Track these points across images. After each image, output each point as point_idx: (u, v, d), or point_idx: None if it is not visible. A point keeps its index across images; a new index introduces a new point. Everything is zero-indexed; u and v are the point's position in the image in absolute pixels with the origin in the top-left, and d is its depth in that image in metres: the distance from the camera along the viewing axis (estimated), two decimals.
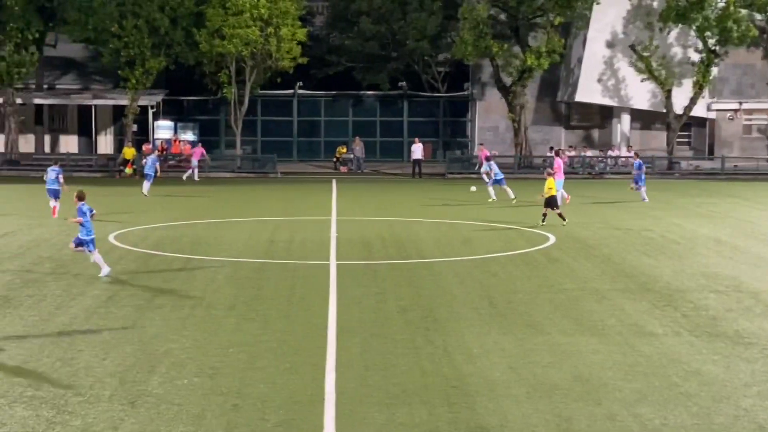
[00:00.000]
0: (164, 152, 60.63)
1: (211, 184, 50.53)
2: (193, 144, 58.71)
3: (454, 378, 14.11)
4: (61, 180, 34.77)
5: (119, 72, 58.43)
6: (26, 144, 61.26)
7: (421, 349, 15.72)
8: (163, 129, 63.58)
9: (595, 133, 68.07)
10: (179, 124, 64.74)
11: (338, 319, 17.81)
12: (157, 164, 44.75)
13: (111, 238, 28.27)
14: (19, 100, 59.01)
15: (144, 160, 46.03)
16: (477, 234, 30.29)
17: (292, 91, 65.95)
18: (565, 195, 37.81)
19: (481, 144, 59.37)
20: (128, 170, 54.92)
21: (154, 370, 14.33)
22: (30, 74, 59.25)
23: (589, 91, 64.01)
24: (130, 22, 56.19)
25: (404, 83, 66.95)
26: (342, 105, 69.37)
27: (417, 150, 57.60)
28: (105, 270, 22.00)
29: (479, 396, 13.27)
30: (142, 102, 60.07)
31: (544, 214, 31.82)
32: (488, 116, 67.07)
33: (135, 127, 61.36)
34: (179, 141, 61.22)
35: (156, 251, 25.98)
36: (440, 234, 30.40)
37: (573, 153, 62.00)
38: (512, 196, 39.72)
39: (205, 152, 56.43)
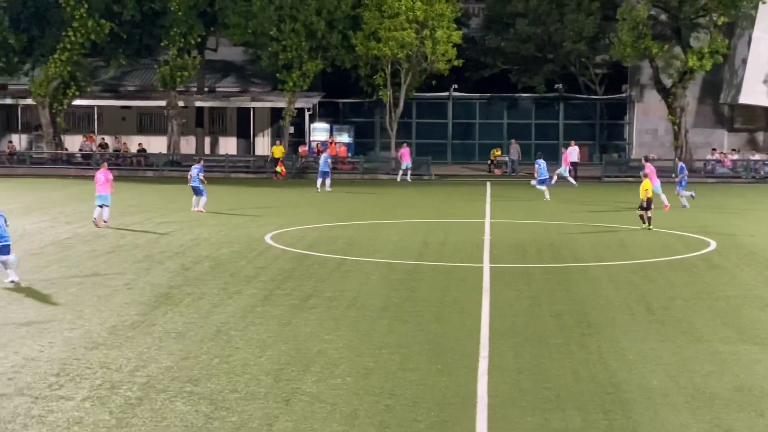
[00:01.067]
0: (320, 154, 61.42)
1: (367, 186, 50.89)
2: (399, 145, 58.26)
3: (609, 384, 13.85)
4: (201, 177, 36.09)
5: (277, 75, 59.40)
6: (187, 145, 62.91)
7: (575, 354, 15.47)
8: (319, 131, 64.36)
9: (760, 136, 65.94)
10: (335, 127, 65.43)
11: (491, 322, 17.69)
12: (329, 160, 46.81)
13: (267, 238, 28.77)
14: (181, 103, 60.62)
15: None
16: (634, 238, 29.69)
17: (446, 93, 65.91)
18: (665, 202, 36.83)
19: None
20: (279, 169, 56.03)
21: (308, 369, 14.49)
22: (192, 78, 60.79)
23: (754, 93, 61.99)
24: (288, 25, 57.08)
25: (560, 85, 66.17)
26: (497, 107, 68.96)
27: (573, 153, 56.84)
28: (12, 277, 20.92)
29: (635, 403, 12.98)
30: (299, 104, 60.96)
31: (642, 216, 31.48)
32: (647, 119, 65.68)
33: (292, 129, 62.30)
34: (335, 143, 61.88)
35: (311, 252, 26.30)
36: (596, 238, 29.93)
37: (736, 156, 60.23)
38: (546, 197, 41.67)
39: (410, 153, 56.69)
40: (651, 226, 31.03)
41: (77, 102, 60.54)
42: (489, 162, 61.97)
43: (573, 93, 67.57)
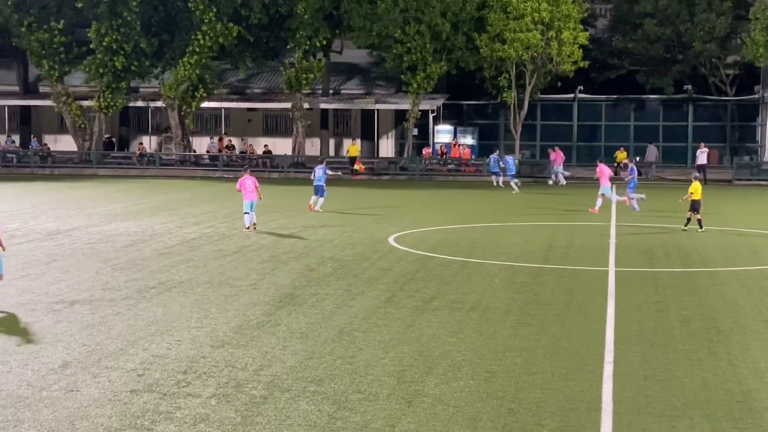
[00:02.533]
0: (443, 156, 61.42)
1: (487, 188, 50.64)
2: (552, 148, 57.89)
3: (739, 392, 13.48)
4: (329, 172, 37.42)
5: (401, 77, 59.62)
6: (312, 147, 63.55)
7: (704, 361, 15.11)
8: (442, 133, 64.31)
9: None
10: (459, 129, 65.33)
11: (616, 327, 17.40)
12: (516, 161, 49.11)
13: (390, 240, 28.85)
14: (306, 105, 61.28)
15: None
16: (766, 243, 28.89)
17: (572, 95, 65.22)
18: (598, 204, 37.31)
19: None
20: (356, 167, 56.84)
21: (430, 371, 14.45)
22: (317, 80, 61.43)
23: None
24: (413, 27, 57.20)
25: (689, 86, 64.85)
26: (623, 109, 67.95)
27: (702, 155, 55.62)
28: None
29: (767, 413, 12.60)
30: (423, 106, 61.04)
31: (688, 219, 31.31)
32: None
33: (416, 131, 62.45)
34: (458, 145, 61.78)
35: (434, 254, 26.28)
36: (726, 242, 29.22)
37: None
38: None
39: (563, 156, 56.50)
40: (687, 227, 31.20)
41: (205, 104, 61.73)
42: (614, 165, 61.07)
43: (703, 94, 66.13)
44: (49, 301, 19.44)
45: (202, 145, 64.76)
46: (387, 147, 66.85)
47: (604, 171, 37.68)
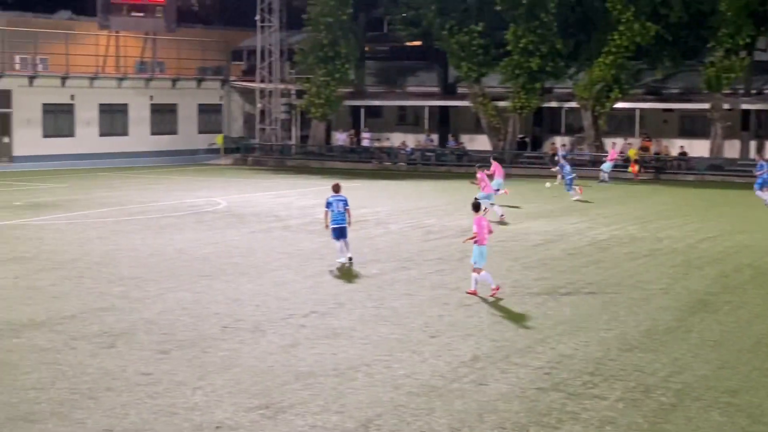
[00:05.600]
0: None
1: None
2: None
3: None
4: None
5: None
6: (731, 149, 61.12)
7: None
8: None
9: None
10: None
11: None
12: None
13: None
14: (725, 106, 59.01)
15: None
16: None
17: None
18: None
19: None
20: (630, 170, 54.62)
21: None
22: (738, 79, 59.00)
23: None
24: None
25: None
26: None
27: None
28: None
29: None
30: None
31: None
32: None
33: None
34: None
35: None
36: None
37: None
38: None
39: None
40: None
41: (618, 104, 61.09)
42: None
43: None
44: (461, 296, 19.95)
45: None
46: None
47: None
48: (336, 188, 24.19)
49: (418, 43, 67.41)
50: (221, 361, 14.70)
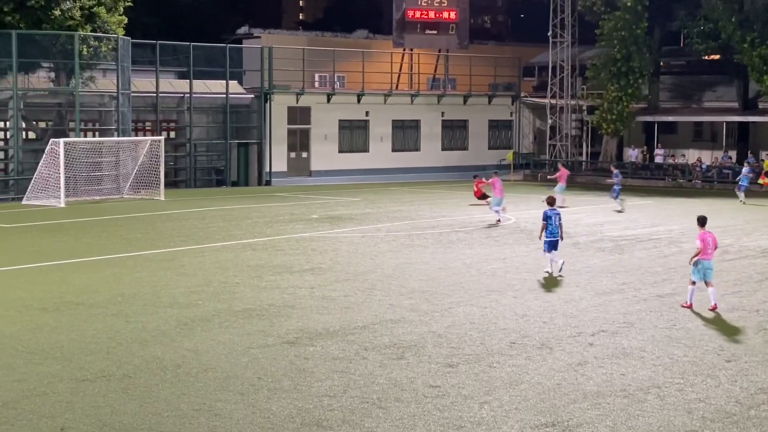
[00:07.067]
0: None
1: None
2: None
3: None
4: None
5: None
6: None
7: None
8: None
9: None
10: None
11: None
12: None
13: None
14: None
15: None
16: None
17: None
18: None
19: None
20: (760, 181, 51.42)
21: None
22: None
23: None
24: None
25: None
26: None
27: None
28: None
29: None
30: None
31: None
32: None
33: None
34: None
35: None
36: None
37: None
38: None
39: None
40: None
41: None
42: None
43: None
44: (760, 319, 19.02)
45: None
46: None
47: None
48: (551, 201, 24.59)
49: (716, 56, 65.12)
50: (508, 377, 14.64)
